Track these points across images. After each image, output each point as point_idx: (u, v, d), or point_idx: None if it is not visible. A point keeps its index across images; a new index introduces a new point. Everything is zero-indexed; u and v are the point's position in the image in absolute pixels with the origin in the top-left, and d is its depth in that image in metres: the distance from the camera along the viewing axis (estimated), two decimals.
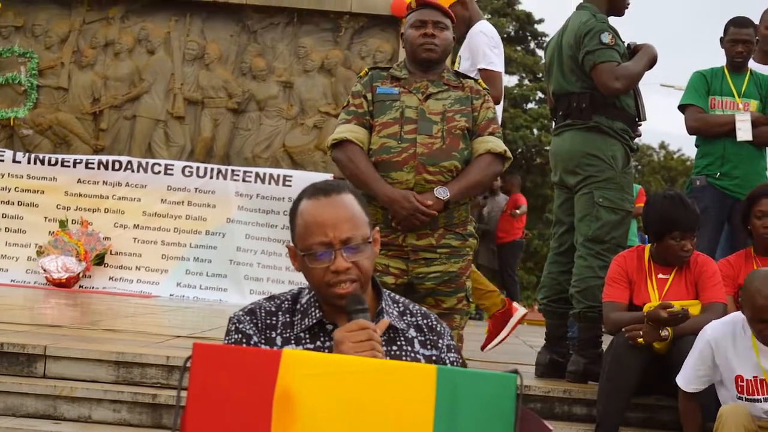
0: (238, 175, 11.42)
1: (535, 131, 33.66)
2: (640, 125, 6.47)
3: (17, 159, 11.56)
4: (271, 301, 2.93)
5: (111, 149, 12.48)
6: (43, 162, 11.53)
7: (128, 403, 5.48)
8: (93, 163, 11.49)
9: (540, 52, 34.92)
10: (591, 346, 6.22)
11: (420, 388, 2.41)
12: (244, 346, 2.82)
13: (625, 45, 6.34)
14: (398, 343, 2.90)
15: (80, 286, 11.26)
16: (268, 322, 2.88)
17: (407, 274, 4.93)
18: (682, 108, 6.92)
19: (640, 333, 5.24)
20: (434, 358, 2.91)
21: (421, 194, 4.84)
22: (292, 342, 2.85)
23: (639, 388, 5.44)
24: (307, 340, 2.86)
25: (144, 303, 10.26)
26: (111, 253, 11.36)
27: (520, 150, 32.90)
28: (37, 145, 12.49)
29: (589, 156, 6.21)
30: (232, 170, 11.49)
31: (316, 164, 12.34)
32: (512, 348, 9.09)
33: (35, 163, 11.53)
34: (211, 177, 11.42)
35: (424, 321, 2.97)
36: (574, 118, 6.29)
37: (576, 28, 6.27)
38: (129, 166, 11.45)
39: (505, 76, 35.42)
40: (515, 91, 35.01)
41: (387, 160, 4.89)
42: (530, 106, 35.14)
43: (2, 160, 11.54)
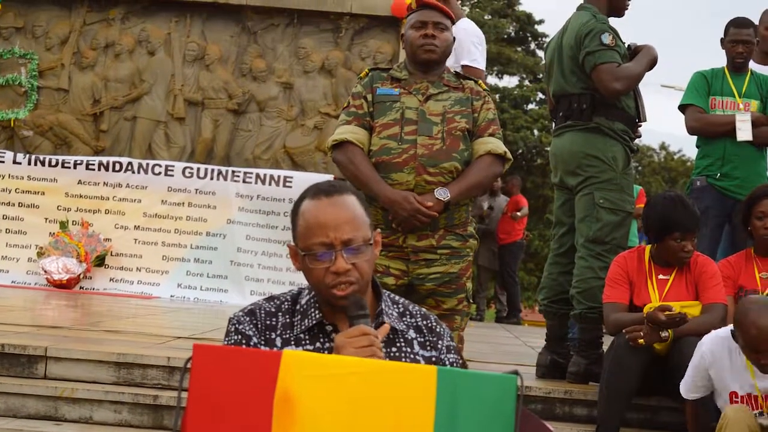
0: (238, 176, 11.43)
1: (536, 132, 33.63)
2: (640, 126, 6.47)
3: (18, 160, 11.57)
4: (271, 302, 2.93)
5: (111, 150, 12.47)
6: (43, 163, 11.54)
7: (129, 404, 5.49)
8: (93, 165, 11.50)
9: (540, 53, 34.90)
10: (592, 347, 6.22)
11: (420, 390, 2.41)
12: (244, 347, 2.82)
13: (626, 46, 6.34)
14: (398, 344, 2.90)
15: (81, 288, 11.26)
16: (268, 323, 2.88)
17: (408, 275, 4.93)
18: (682, 108, 6.92)
19: (641, 334, 5.24)
20: (434, 359, 2.91)
21: (421, 195, 4.84)
22: (292, 343, 2.85)
23: (639, 389, 5.44)
24: (307, 341, 2.86)
25: (145, 304, 10.26)
26: (111, 255, 11.36)
27: (520, 151, 32.88)
28: (37, 146, 12.49)
29: (589, 157, 6.21)
30: (233, 171, 11.50)
31: (317, 165, 12.33)
32: (513, 349, 9.10)
33: (36, 164, 11.54)
34: (212, 178, 11.43)
35: (424, 322, 2.97)
36: (575, 119, 6.29)
37: (576, 29, 6.26)
38: (129, 168, 11.46)
39: (506, 77, 35.63)
40: (515, 92, 34.99)
41: (387, 161, 4.89)
42: (531, 107, 35.11)
43: (3, 162, 11.54)
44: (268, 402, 2.38)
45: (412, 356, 2.90)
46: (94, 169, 11.47)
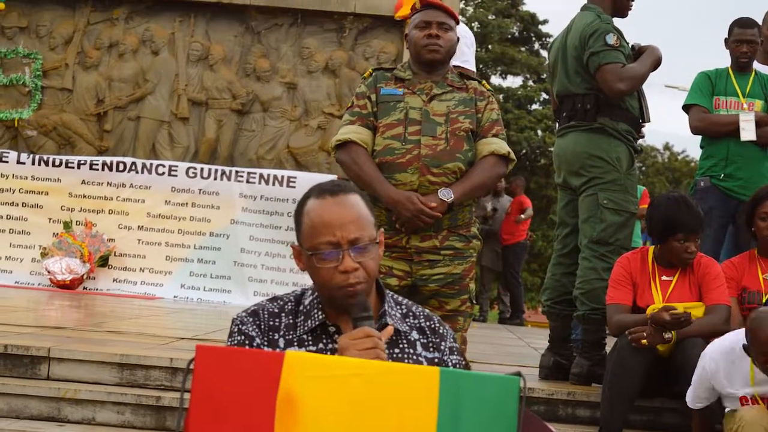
0: (242, 176, 11.44)
1: (540, 132, 33.61)
2: (643, 126, 6.46)
3: (21, 160, 11.58)
4: (274, 303, 2.93)
5: (115, 150, 12.48)
6: (47, 163, 11.55)
7: (132, 405, 5.49)
8: (97, 165, 11.51)
9: (544, 53, 34.87)
10: (595, 348, 6.22)
11: (423, 391, 2.41)
12: (247, 347, 2.81)
13: (630, 46, 6.33)
14: (400, 345, 2.90)
15: (84, 288, 11.27)
16: (271, 323, 2.88)
17: (411, 276, 4.92)
18: (686, 108, 6.92)
19: (644, 335, 5.23)
20: (436, 360, 2.90)
21: (424, 196, 4.83)
22: (295, 344, 2.85)
23: (642, 391, 5.44)
24: (310, 342, 2.86)
25: (148, 305, 10.27)
26: (115, 255, 11.37)
27: (524, 151, 32.88)
28: (41, 146, 12.50)
29: (593, 157, 6.20)
30: (236, 171, 11.51)
31: (320, 165, 12.33)
32: (516, 350, 9.09)
33: (39, 164, 11.55)
34: (215, 178, 11.44)
35: (427, 323, 2.96)
36: (579, 120, 6.28)
37: (581, 29, 6.26)
38: (133, 168, 11.47)
39: (509, 77, 35.61)
40: (519, 93, 34.98)
41: (391, 162, 4.88)
42: (534, 107, 35.09)
43: (6, 162, 11.56)
44: (271, 403, 2.38)
45: (414, 357, 2.89)
46: (97, 169, 11.48)
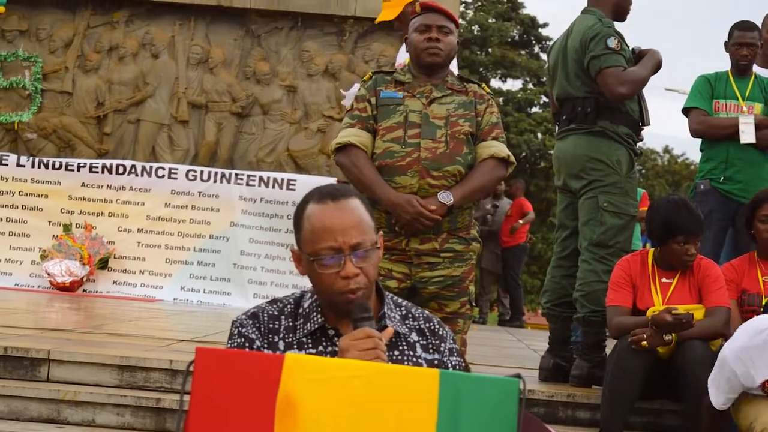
0: (242, 179, 11.44)
1: (539, 135, 33.63)
2: (642, 129, 6.46)
3: (21, 163, 11.59)
4: (274, 305, 2.92)
5: (115, 153, 12.48)
6: (47, 166, 11.54)
7: (132, 407, 5.49)
8: (97, 167, 11.51)
9: (544, 56, 34.88)
10: (595, 350, 6.22)
11: (423, 393, 2.41)
12: (247, 350, 2.81)
13: (630, 50, 6.33)
14: (400, 347, 2.89)
15: (84, 290, 11.27)
16: (271, 326, 2.87)
17: (410, 279, 4.92)
18: (686, 111, 6.92)
19: (644, 337, 5.23)
20: (436, 362, 2.90)
21: (424, 199, 4.83)
22: (295, 347, 2.85)
23: (642, 393, 5.44)
24: (310, 345, 2.86)
25: (148, 307, 10.27)
26: (115, 257, 11.37)
27: (524, 154, 32.88)
28: (41, 149, 12.50)
29: (593, 160, 6.20)
30: (236, 174, 11.51)
31: (320, 168, 12.34)
32: (516, 352, 9.09)
33: (39, 167, 11.55)
34: (215, 181, 11.44)
35: (427, 325, 2.96)
36: (579, 123, 6.28)
37: (582, 32, 6.25)
38: (133, 170, 11.47)
39: (509, 80, 35.63)
40: (519, 96, 34.99)
41: (391, 165, 4.89)
42: (534, 110, 35.12)
43: (6, 164, 11.56)
44: (271, 405, 2.38)
45: (414, 359, 2.89)
46: (97, 172, 11.49)
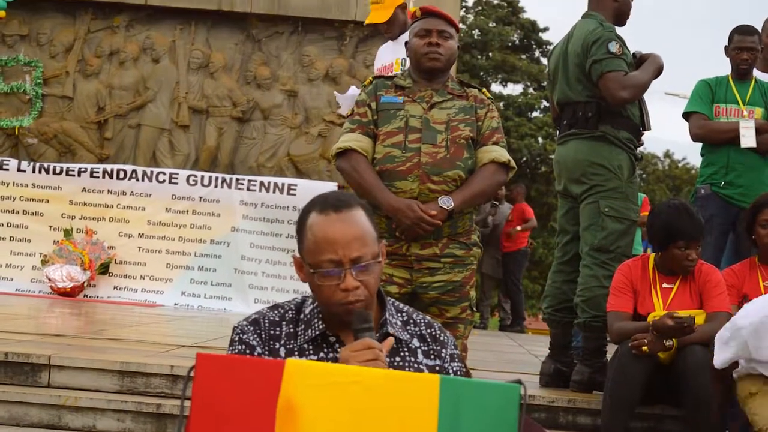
0: (242, 183, 11.43)
1: (540, 140, 33.62)
2: (642, 134, 6.46)
3: (22, 168, 11.58)
4: (275, 311, 2.92)
5: (116, 158, 12.49)
6: (47, 171, 11.54)
7: (132, 413, 5.48)
8: (98, 172, 11.51)
9: (545, 61, 34.88)
10: (596, 355, 6.21)
11: (423, 398, 2.41)
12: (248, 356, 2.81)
13: (631, 54, 6.33)
14: (401, 354, 2.89)
15: (85, 296, 11.26)
16: (272, 332, 2.87)
17: (411, 284, 4.92)
18: (686, 116, 6.92)
19: (645, 342, 5.23)
20: (437, 368, 2.89)
21: (425, 204, 4.83)
22: (296, 353, 2.84)
23: (643, 398, 5.44)
24: (311, 352, 2.85)
25: (148, 312, 10.26)
26: (116, 262, 11.36)
27: (524, 159, 32.88)
28: (41, 154, 12.51)
29: (594, 165, 6.20)
30: (237, 179, 11.50)
31: (321, 173, 12.34)
32: (516, 357, 9.09)
33: (40, 172, 11.54)
34: (216, 186, 11.43)
35: (428, 330, 2.95)
36: (580, 127, 6.27)
37: (583, 37, 6.24)
38: (134, 175, 11.47)
39: (510, 85, 35.63)
40: (520, 100, 35.00)
41: (391, 170, 4.89)
42: (535, 114, 35.11)
43: (7, 169, 11.55)
44: (271, 411, 2.38)
45: (415, 365, 2.89)
46: (98, 177, 11.48)
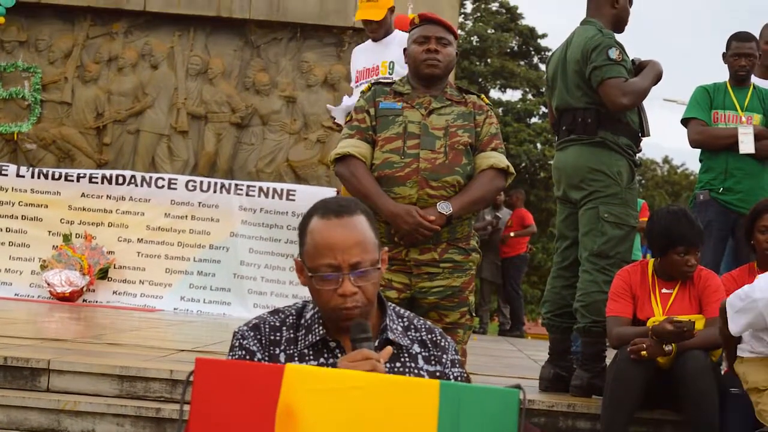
0: (241, 189, 11.45)
1: (539, 146, 33.63)
2: (642, 140, 6.46)
3: (21, 173, 11.59)
4: (276, 316, 2.92)
5: (114, 164, 12.49)
6: (46, 176, 11.55)
7: (132, 417, 5.48)
8: (97, 178, 11.52)
9: (543, 67, 34.88)
10: (595, 360, 6.21)
11: (423, 403, 2.41)
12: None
13: (631, 61, 6.33)
14: (402, 359, 2.89)
15: (84, 300, 11.27)
16: (272, 337, 2.87)
17: (410, 289, 4.92)
18: (685, 122, 6.93)
19: (643, 347, 5.23)
20: (438, 373, 2.89)
21: (423, 209, 4.84)
22: (296, 358, 2.84)
23: (643, 403, 5.43)
24: (311, 357, 2.85)
25: (147, 317, 10.26)
26: (115, 267, 11.37)
27: (523, 164, 32.88)
28: (40, 159, 12.51)
29: (594, 171, 6.19)
30: (236, 184, 11.52)
31: (320, 179, 12.35)
32: (516, 362, 9.08)
33: (39, 177, 11.55)
34: (215, 191, 11.45)
35: (429, 336, 2.95)
36: (579, 133, 6.27)
37: (583, 43, 6.24)
38: (133, 181, 11.48)
39: (509, 91, 35.64)
40: (519, 106, 35.00)
41: (390, 175, 4.89)
42: (534, 120, 35.11)
43: (6, 175, 11.57)
44: (271, 416, 2.38)
45: (416, 371, 2.88)
46: (97, 182, 11.50)
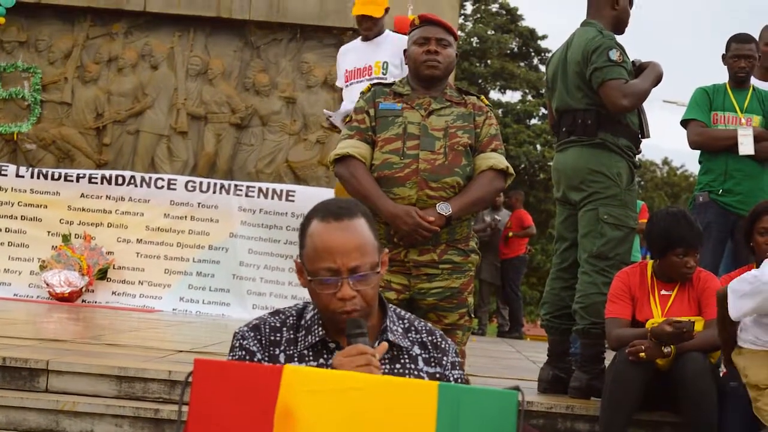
0: (241, 190, 11.45)
1: (539, 147, 33.65)
2: (641, 142, 6.46)
3: (20, 173, 11.60)
4: (276, 317, 2.92)
5: (114, 164, 12.49)
6: (46, 176, 11.56)
7: (130, 418, 5.48)
8: (96, 178, 11.53)
9: (543, 68, 34.88)
10: (594, 362, 6.21)
11: (421, 405, 2.41)
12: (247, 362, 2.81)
13: (631, 62, 6.33)
14: (402, 361, 2.89)
15: (83, 301, 11.27)
16: (272, 338, 2.87)
17: (409, 290, 4.92)
18: (684, 123, 6.93)
19: (642, 349, 5.22)
20: (438, 375, 2.89)
21: (423, 210, 4.84)
22: (295, 359, 2.84)
23: (642, 404, 5.43)
24: (311, 358, 2.85)
25: (146, 317, 10.26)
26: (114, 268, 11.37)
27: (523, 166, 32.88)
28: (40, 159, 12.51)
29: (594, 173, 6.19)
30: (235, 185, 11.52)
31: (319, 179, 12.35)
32: (515, 363, 9.08)
33: (38, 177, 11.56)
34: (214, 192, 11.45)
35: (429, 338, 2.95)
36: (579, 135, 6.27)
37: (583, 45, 6.24)
38: (132, 181, 11.48)
39: (508, 92, 35.64)
40: (518, 107, 35.01)
41: (389, 176, 4.89)
42: (533, 121, 35.13)
43: (5, 175, 11.57)
44: (269, 417, 2.38)
45: (416, 373, 2.88)
46: (96, 183, 11.50)
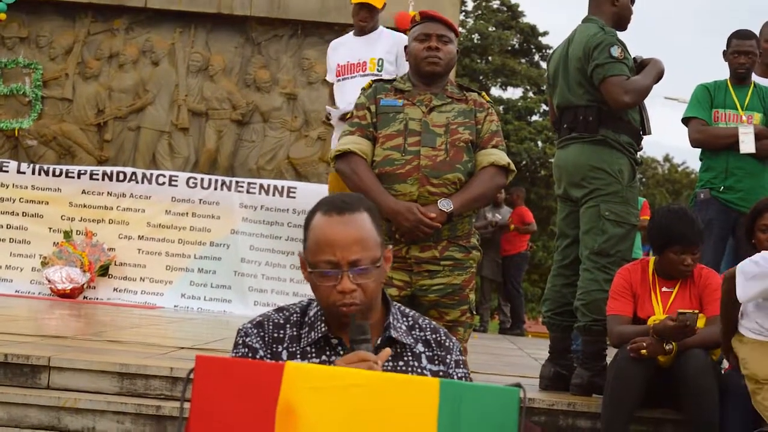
0: (242, 186, 11.45)
1: (540, 143, 33.62)
2: (643, 138, 6.46)
3: (22, 170, 11.59)
4: (280, 313, 2.92)
5: (115, 160, 12.50)
6: (47, 173, 11.55)
7: (132, 415, 5.48)
8: (97, 174, 11.52)
9: (544, 65, 34.85)
10: (595, 359, 6.21)
11: (423, 402, 2.41)
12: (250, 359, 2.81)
13: (632, 59, 6.33)
14: (405, 358, 2.89)
15: (84, 297, 11.27)
16: (275, 335, 2.87)
17: (410, 287, 4.92)
18: (685, 121, 6.92)
19: (643, 345, 5.22)
20: (441, 373, 2.89)
21: (424, 206, 4.84)
22: (298, 356, 2.84)
23: (643, 401, 5.43)
24: (313, 354, 2.85)
25: (148, 314, 10.26)
26: (115, 264, 11.37)
27: (524, 162, 32.88)
28: (41, 156, 12.52)
29: (595, 169, 6.19)
30: (237, 182, 11.52)
31: (320, 176, 12.34)
32: (516, 360, 9.09)
33: (40, 173, 11.55)
34: (216, 188, 11.45)
35: (433, 336, 2.95)
36: (580, 131, 6.26)
37: (584, 41, 6.23)
38: (133, 177, 11.48)
39: (510, 89, 35.62)
40: (519, 104, 34.99)
41: (390, 172, 4.89)
42: (534, 118, 35.09)
43: (7, 171, 11.56)
44: (271, 414, 2.38)
45: (419, 371, 2.88)
46: (98, 179, 11.50)
